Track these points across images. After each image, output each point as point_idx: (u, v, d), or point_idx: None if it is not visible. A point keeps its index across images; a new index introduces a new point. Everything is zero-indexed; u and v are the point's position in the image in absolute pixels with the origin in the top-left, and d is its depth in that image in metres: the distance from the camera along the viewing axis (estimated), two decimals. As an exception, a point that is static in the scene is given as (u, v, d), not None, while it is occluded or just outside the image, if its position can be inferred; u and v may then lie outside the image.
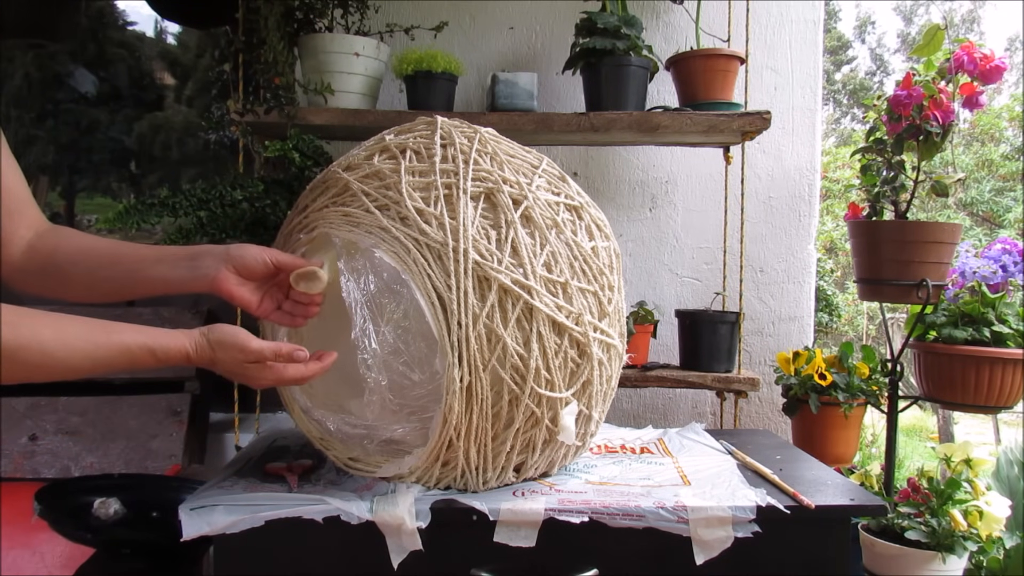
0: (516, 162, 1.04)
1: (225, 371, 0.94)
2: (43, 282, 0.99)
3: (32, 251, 0.99)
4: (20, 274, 0.98)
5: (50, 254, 0.99)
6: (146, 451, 1.77)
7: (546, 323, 0.95)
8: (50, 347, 0.80)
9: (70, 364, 0.82)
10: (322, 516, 0.94)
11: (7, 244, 0.97)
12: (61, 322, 0.82)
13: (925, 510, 1.40)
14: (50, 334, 0.80)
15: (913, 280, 1.59)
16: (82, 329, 0.83)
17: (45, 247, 0.99)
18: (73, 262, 0.98)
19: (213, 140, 2.69)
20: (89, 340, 0.83)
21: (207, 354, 0.91)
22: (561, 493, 1.02)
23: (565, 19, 2.03)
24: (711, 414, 2.09)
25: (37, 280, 0.99)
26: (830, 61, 11.30)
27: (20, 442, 1.75)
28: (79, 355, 0.82)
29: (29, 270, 0.98)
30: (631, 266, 2.09)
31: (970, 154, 6.24)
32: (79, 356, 0.82)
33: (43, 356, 0.79)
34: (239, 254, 0.99)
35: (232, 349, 0.92)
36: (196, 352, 0.91)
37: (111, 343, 0.84)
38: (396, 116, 1.70)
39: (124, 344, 0.85)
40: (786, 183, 2.08)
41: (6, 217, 0.96)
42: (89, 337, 0.83)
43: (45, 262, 0.98)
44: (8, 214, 0.96)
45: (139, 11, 3.09)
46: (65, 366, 0.82)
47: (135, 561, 1.11)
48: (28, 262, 0.98)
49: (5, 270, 0.98)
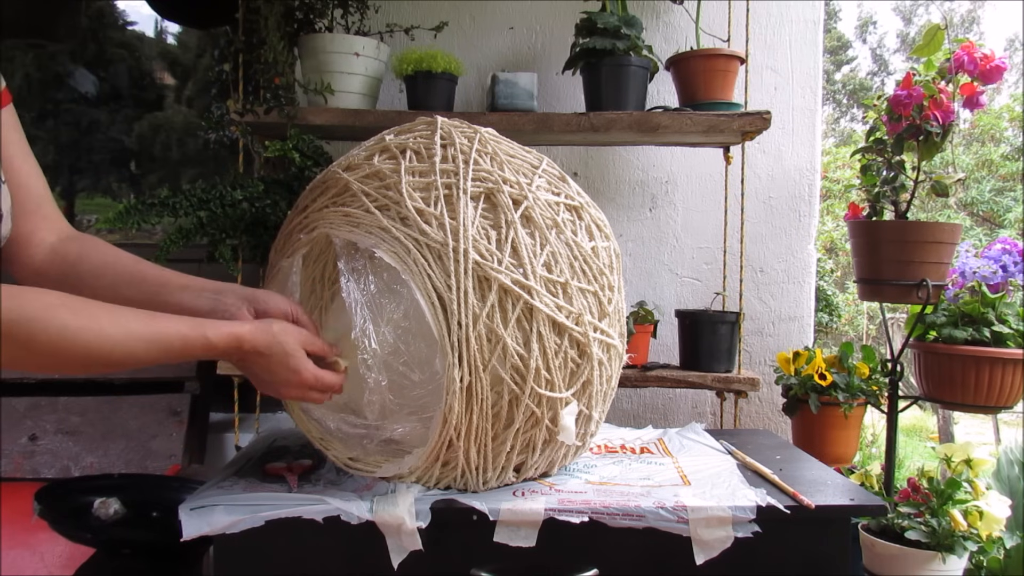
0: (516, 162, 1.04)
1: (262, 368, 0.92)
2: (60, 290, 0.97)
3: (54, 256, 0.96)
4: (38, 278, 0.96)
5: (73, 263, 0.97)
6: (146, 451, 1.77)
7: (546, 323, 0.95)
8: (108, 330, 0.79)
9: (128, 348, 0.81)
10: (322, 516, 0.94)
11: (26, 244, 0.95)
12: (115, 308, 0.82)
13: (925, 510, 1.40)
14: (108, 317, 0.80)
15: (913, 280, 1.59)
16: (137, 316, 0.83)
17: (69, 254, 0.97)
18: (96, 275, 0.97)
19: (213, 140, 2.69)
20: (145, 325, 0.82)
21: (263, 338, 0.90)
22: (561, 493, 1.02)
23: (565, 19, 2.03)
24: (711, 414, 2.09)
25: (54, 287, 0.95)
26: (830, 61, 11.30)
27: (20, 442, 1.75)
28: (136, 339, 0.81)
29: (49, 275, 0.96)
30: (631, 266, 2.09)
31: (970, 154, 6.24)
32: (136, 340, 0.81)
33: (101, 339, 0.78)
34: (264, 299, 0.99)
35: (294, 331, 0.93)
36: (251, 334, 0.89)
37: (167, 327, 0.84)
38: (396, 116, 1.70)
39: (178, 329, 0.85)
40: (786, 183, 2.08)
41: (23, 216, 0.94)
42: (145, 322, 0.83)
43: (67, 270, 0.96)
44: (26, 213, 0.94)
45: (139, 11, 3.09)
46: (123, 350, 0.80)
47: (135, 561, 1.11)
48: (49, 267, 0.96)
49: (22, 272, 0.95)
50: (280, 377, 0.93)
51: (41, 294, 0.77)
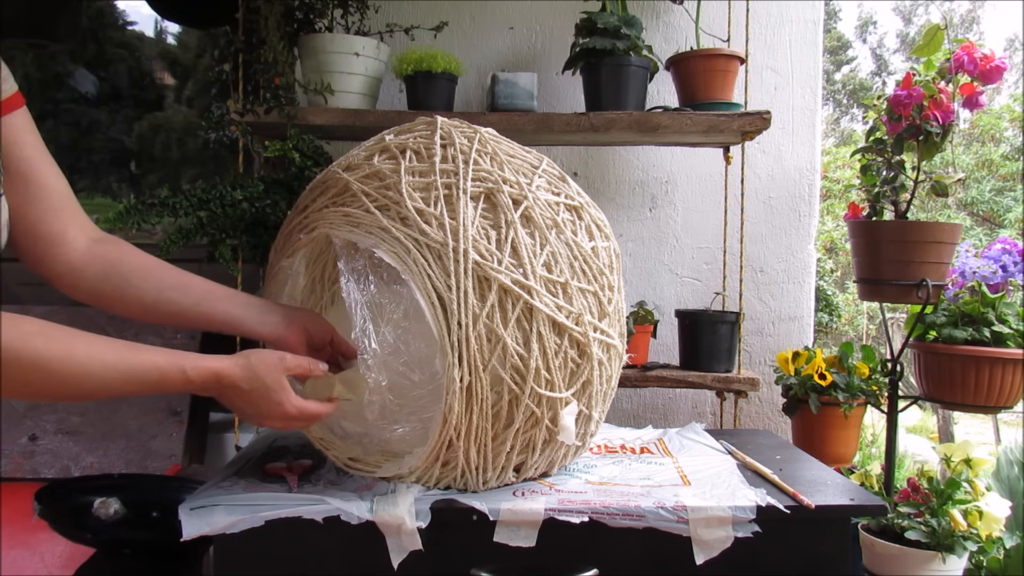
0: (516, 162, 1.04)
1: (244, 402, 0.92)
2: (99, 289, 0.97)
3: (92, 254, 0.96)
4: (74, 275, 0.96)
5: (115, 262, 0.97)
6: (146, 451, 1.77)
7: (546, 323, 0.95)
8: (83, 360, 0.79)
9: (103, 379, 0.81)
10: (322, 516, 0.94)
11: (60, 242, 0.95)
12: (92, 338, 0.81)
13: (925, 510, 1.40)
14: (83, 347, 0.79)
15: (913, 280, 1.59)
16: (113, 346, 0.82)
17: (109, 253, 0.97)
18: (142, 277, 0.97)
19: (213, 140, 2.69)
20: (121, 357, 0.82)
21: (240, 372, 0.90)
22: (561, 493, 1.02)
23: (565, 19, 2.03)
24: (711, 414, 2.09)
25: (94, 285, 0.97)
26: (830, 61, 11.30)
27: (20, 442, 1.75)
28: (111, 371, 0.81)
29: (87, 272, 0.96)
30: (631, 266, 2.09)
31: (970, 154, 6.24)
32: (111, 372, 0.81)
33: (75, 368, 0.78)
34: (311, 319, 1.03)
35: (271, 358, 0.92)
36: (228, 370, 0.89)
37: (143, 360, 0.84)
38: (396, 116, 1.70)
39: (154, 362, 0.84)
40: (786, 183, 2.08)
41: (51, 215, 0.94)
42: (121, 353, 0.82)
43: (109, 269, 0.97)
44: (54, 211, 0.94)
45: (139, 11, 3.09)
46: (98, 381, 0.80)
47: (135, 561, 1.11)
48: (88, 264, 0.96)
49: (57, 269, 0.95)
50: (262, 410, 0.92)
51: (19, 322, 0.76)
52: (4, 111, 0.89)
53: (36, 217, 0.93)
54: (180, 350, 0.88)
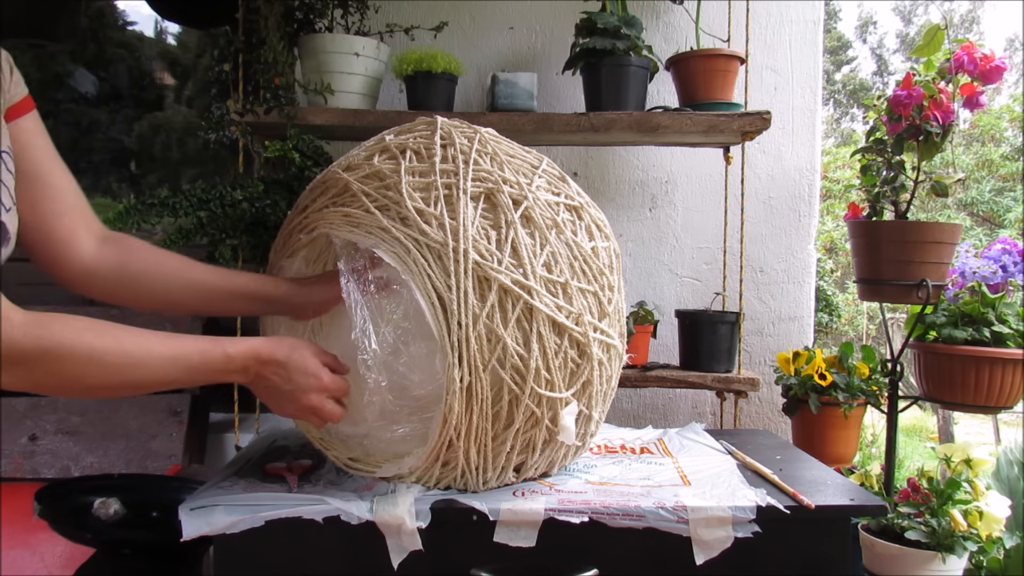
0: (516, 162, 1.04)
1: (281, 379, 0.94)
2: (113, 291, 1.00)
3: (102, 255, 0.99)
4: (87, 277, 0.98)
5: (124, 263, 0.99)
6: (146, 451, 1.77)
7: (546, 323, 0.95)
8: (131, 350, 0.82)
9: (151, 366, 0.84)
10: (322, 516, 0.94)
11: (70, 244, 0.96)
12: (136, 331, 0.84)
13: (925, 510, 1.40)
14: (130, 338, 0.83)
15: (913, 280, 1.59)
16: (157, 336, 0.85)
17: (118, 253, 1.00)
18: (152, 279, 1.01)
19: (213, 140, 2.69)
20: (165, 344, 0.85)
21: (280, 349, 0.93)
22: (561, 493, 1.02)
23: (565, 19, 2.03)
24: (711, 414, 2.09)
25: (107, 287, 0.99)
26: (830, 61, 11.31)
27: (20, 442, 1.75)
28: (157, 358, 0.84)
29: (99, 273, 0.98)
30: (631, 266, 2.09)
31: (970, 154, 6.24)
32: (157, 359, 0.84)
33: (126, 358, 0.81)
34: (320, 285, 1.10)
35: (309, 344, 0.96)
36: (267, 346, 0.92)
37: (185, 345, 0.87)
38: (396, 116, 1.70)
39: (197, 346, 0.88)
40: (786, 183, 2.08)
41: (59, 217, 0.95)
42: (164, 342, 0.85)
43: (119, 271, 0.99)
44: (62, 214, 0.95)
45: (139, 11, 3.09)
46: (146, 371, 0.83)
47: (135, 561, 1.11)
48: (99, 264, 0.98)
49: (70, 270, 0.97)
50: (299, 383, 0.94)
51: (70, 320, 0.79)
52: (16, 115, 0.91)
53: (48, 219, 0.94)
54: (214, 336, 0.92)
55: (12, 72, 0.90)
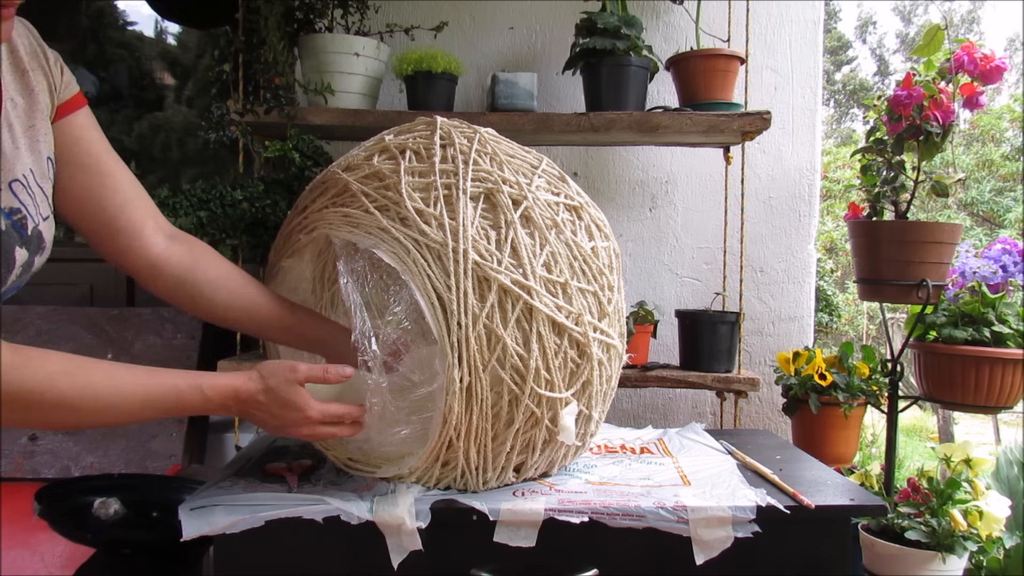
0: (516, 162, 1.04)
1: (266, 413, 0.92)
2: (174, 293, 1.00)
3: (170, 255, 0.99)
4: (153, 273, 0.98)
5: (189, 268, 1.00)
6: (146, 451, 1.77)
7: (546, 323, 0.95)
8: (103, 393, 0.81)
9: (123, 408, 0.83)
10: (322, 516, 0.94)
11: (139, 235, 0.97)
12: (112, 369, 0.84)
13: (925, 510, 1.40)
14: (103, 380, 0.82)
15: (913, 280, 1.59)
16: (133, 374, 0.85)
17: (184, 259, 1.00)
18: (213, 289, 1.01)
19: (213, 140, 2.69)
20: (139, 384, 0.84)
21: (256, 385, 0.91)
22: (561, 493, 1.02)
23: (565, 19, 2.03)
24: (711, 414, 2.09)
25: (169, 288, 1.00)
26: (830, 61, 11.31)
27: (20, 442, 1.75)
28: (130, 399, 0.83)
29: (165, 274, 0.99)
30: (631, 266, 2.09)
31: (970, 154, 6.24)
32: (130, 400, 0.83)
33: (95, 402, 0.81)
34: None
35: (282, 370, 0.92)
36: (244, 384, 0.90)
37: (160, 384, 0.86)
38: (396, 116, 1.70)
39: (173, 384, 0.86)
40: (786, 183, 2.08)
41: (124, 208, 0.96)
42: (140, 380, 0.84)
43: (183, 275, 0.99)
44: (126, 204, 0.96)
45: (139, 11, 3.09)
46: (119, 412, 0.83)
47: (135, 561, 1.11)
48: (165, 262, 0.98)
49: (137, 262, 0.97)
50: (286, 419, 0.93)
51: (45, 361, 0.79)
52: (70, 110, 0.93)
53: (114, 210, 0.95)
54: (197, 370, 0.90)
55: (63, 72, 0.93)
